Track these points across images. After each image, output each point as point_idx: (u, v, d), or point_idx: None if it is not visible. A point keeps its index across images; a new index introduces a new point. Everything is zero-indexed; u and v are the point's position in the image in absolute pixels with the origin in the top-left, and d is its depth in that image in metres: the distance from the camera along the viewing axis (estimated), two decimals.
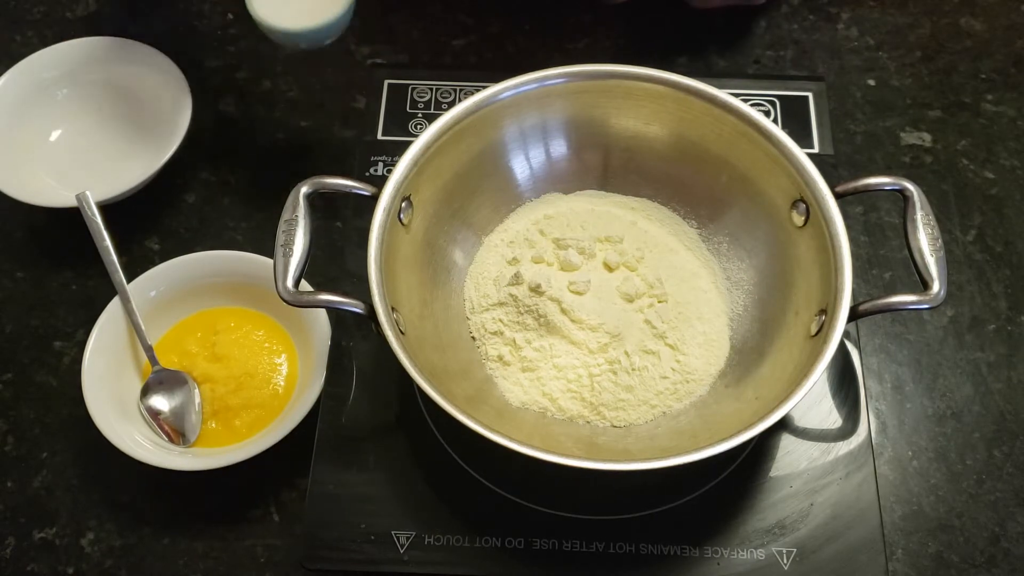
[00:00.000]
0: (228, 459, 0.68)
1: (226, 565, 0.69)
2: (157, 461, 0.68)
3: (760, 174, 0.70)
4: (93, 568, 0.69)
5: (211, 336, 0.75)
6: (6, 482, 0.73)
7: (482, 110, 0.70)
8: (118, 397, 0.72)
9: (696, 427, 0.66)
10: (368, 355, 0.71)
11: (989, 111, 0.88)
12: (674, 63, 0.91)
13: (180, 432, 0.71)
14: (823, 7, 0.95)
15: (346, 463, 0.68)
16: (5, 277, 0.82)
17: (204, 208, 0.84)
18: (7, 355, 0.78)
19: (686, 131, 0.73)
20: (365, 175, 0.79)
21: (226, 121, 0.89)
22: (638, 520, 0.66)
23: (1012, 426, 0.73)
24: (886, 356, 0.76)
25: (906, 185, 0.65)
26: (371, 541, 0.65)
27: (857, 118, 0.88)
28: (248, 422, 0.72)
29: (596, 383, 0.68)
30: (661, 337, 0.69)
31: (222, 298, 0.77)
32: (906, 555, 0.68)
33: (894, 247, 0.80)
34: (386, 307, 0.63)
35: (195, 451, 0.71)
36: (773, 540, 0.65)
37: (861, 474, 0.66)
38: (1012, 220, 0.82)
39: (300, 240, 0.63)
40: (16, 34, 0.88)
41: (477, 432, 0.58)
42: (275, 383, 0.74)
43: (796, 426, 0.69)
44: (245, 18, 0.75)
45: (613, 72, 0.71)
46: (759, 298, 0.71)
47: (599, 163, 0.76)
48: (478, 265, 0.74)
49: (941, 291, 0.62)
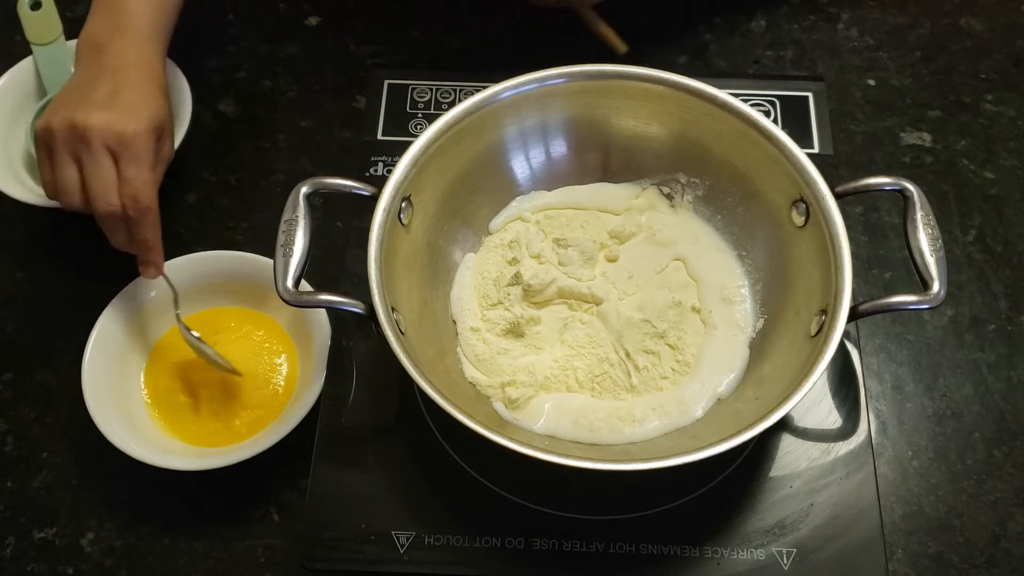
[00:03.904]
0: (228, 459, 0.68)
1: (226, 565, 0.69)
2: (157, 461, 0.68)
3: (760, 174, 0.70)
4: (93, 568, 0.69)
5: (211, 336, 0.75)
6: (6, 482, 0.73)
7: (482, 110, 0.70)
8: (118, 397, 0.72)
9: (696, 427, 0.66)
10: (368, 355, 0.71)
11: (989, 111, 0.88)
12: (674, 63, 0.91)
13: None
14: (823, 7, 0.95)
15: (346, 463, 0.68)
16: (5, 277, 0.82)
17: (204, 208, 0.84)
18: (7, 355, 0.78)
19: (686, 131, 0.73)
20: (365, 175, 0.79)
21: (226, 121, 0.89)
22: (638, 520, 0.66)
23: (1012, 426, 0.73)
24: (886, 356, 0.76)
25: (906, 185, 0.65)
26: (371, 541, 0.65)
27: (857, 118, 0.88)
28: (248, 422, 0.72)
29: (597, 383, 0.68)
30: (661, 337, 0.69)
31: (222, 298, 0.77)
32: (906, 555, 0.68)
33: (894, 247, 0.80)
34: (386, 307, 0.63)
35: (195, 451, 0.71)
36: (773, 540, 0.65)
37: (861, 474, 0.66)
38: (1012, 220, 0.82)
39: (300, 240, 0.63)
40: (16, 34, 0.87)
41: (477, 432, 0.59)
42: (275, 383, 0.74)
43: (796, 426, 0.69)
44: (245, 18, 0.75)
45: (613, 72, 0.72)
46: (759, 298, 0.71)
47: (599, 163, 0.76)
48: (478, 265, 0.74)
49: (941, 291, 0.62)
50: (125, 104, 0.72)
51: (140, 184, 0.70)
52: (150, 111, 0.72)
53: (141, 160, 0.71)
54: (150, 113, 0.72)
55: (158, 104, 0.74)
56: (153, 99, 0.73)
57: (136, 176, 0.70)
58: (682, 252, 0.73)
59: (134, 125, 0.70)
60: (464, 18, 0.93)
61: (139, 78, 0.74)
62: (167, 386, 0.74)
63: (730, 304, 0.71)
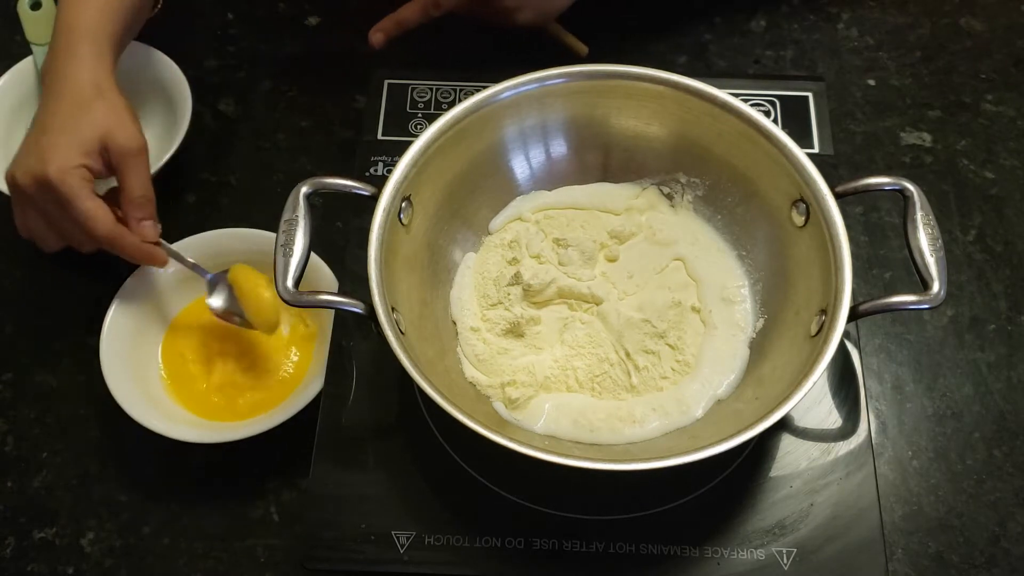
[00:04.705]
0: (218, 437, 0.69)
1: (226, 565, 0.69)
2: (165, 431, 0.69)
3: (760, 174, 0.70)
4: (93, 568, 0.70)
5: None
6: (6, 482, 0.73)
7: (482, 110, 0.70)
8: (135, 364, 0.73)
9: (696, 427, 0.66)
10: (368, 355, 0.71)
11: (989, 111, 0.88)
12: (674, 63, 0.91)
13: (237, 314, 0.75)
14: (823, 7, 0.95)
15: (346, 463, 0.68)
16: (5, 277, 0.82)
17: (204, 208, 0.84)
18: (7, 355, 0.78)
19: (686, 131, 0.73)
20: (365, 175, 0.79)
21: (226, 121, 0.89)
22: (638, 520, 0.66)
23: (1012, 426, 0.73)
24: (886, 356, 0.76)
25: (906, 185, 0.65)
26: (371, 541, 0.65)
27: (857, 118, 0.88)
28: (252, 402, 0.73)
29: (597, 383, 0.68)
30: (661, 337, 0.69)
31: None
32: (906, 555, 0.68)
33: (894, 247, 0.80)
34: (386, 307, 0.63)
35: (196, 421, 0.72)
36: (773, 540, 0.65)
37: (861, 474, 0.66)
38: (1012, 220, 0.82)
39: (300, 240, 0.63)
40: (16, 34, 0.88)
41: (477, 432, 0.58)
42: (285, 371, 0.74)
43: (796, 426, 0.69)
44: (245, 18, 0.75)
45: (613, 72, 0.71)
46: (759, 298, 0.71)
47: (599, 163, 0.76)
48: (478, 265, 0.74)
49: (941, 291, 0.62)
50: (43, 145, 0.71)
51: (85, 220, 0.70)
52: (69, 139, 0.71)
53: (69, 199, 0.70)
54: (68, 142, 0.70)
55: (85, 120, 0.72)
56: (72, 119, 0.72)
57: (77, 214, 0.70)
58: (682, 252, 0.73)
59: (49, 167, 0.69)
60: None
61: (62, 98, 0.72)
62: (180, 355, 0.76)
63: (730, 304, 0.71)
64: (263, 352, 0.75)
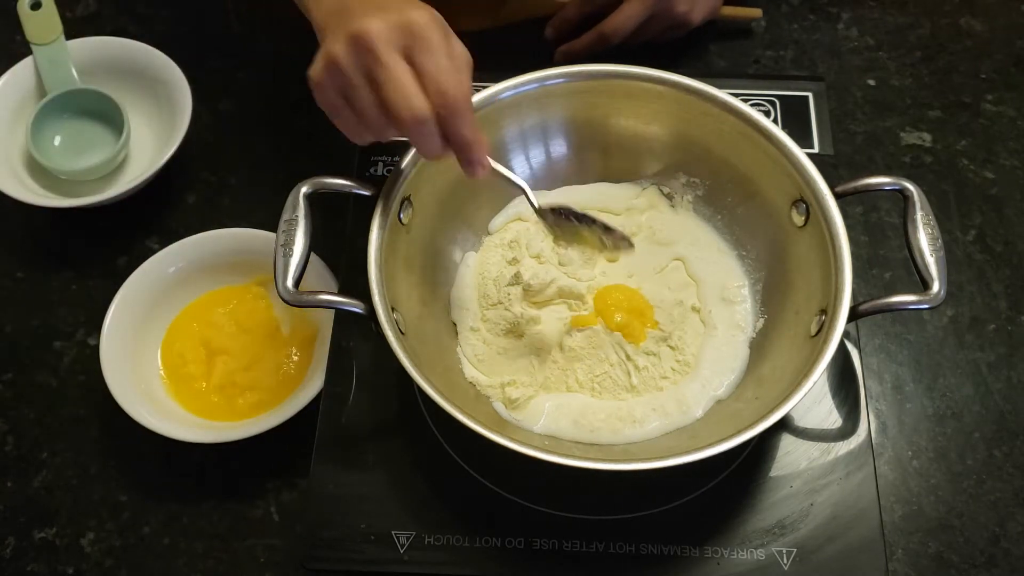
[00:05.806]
0: (218, 437, 0.69)
1: (226, 565, 0.69)
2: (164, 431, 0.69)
3: (760, 174, 0.70)
4: (93, 568, 0.69)
5: (239, 306, 0.77)
6: (6, 482, 0.73)
7: (482, 110, 0.70)
8: (134, 364, 0.73)
9: (696, 427, 0.66)
10: (368, 355, 0.71)
11: (989, 111, 0.88)
12: (674, 63, 0.90)
13: None
14: (823, 7, 0.95)
15: (346, 463, 0.68)
16: (5, 277, 0.82)
17: (204, 208, 0.84)
18: (7, 355, 0.78)
19: (686, 131, 0.73)
20: (365, 175, 0.79)
21: (226, 121, 0.89)
22: (638, 520, 0.66)
23: (1012, 426, 0.73)
24: (886, 356, 0.76)
25: (906, 185, 0.65)
26: (371, 541, 0.65)
27: (857, 118, 0.88)
28: (251, 403, 0.73)
29: (597, 383, 0.68)
30: (664, 339, 0.69)
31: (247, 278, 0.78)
32: (906, 555, 0.68)
33: (894, 247, 0.80)
34: (386, 307, 0.63)
35: (196, 421, 0.72)
36: (773, 540, 0.65)
37: (861, 474, 0.66)
38: (1012, 220, 0.82)
39: (300, 240, 0.63)
40: (16, 34, 0.87)
41: (477, 432, 0.59)
42: (285, 371, 0.74)
43: (796, 426, 0.69)
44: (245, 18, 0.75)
45: (613, 72, 0.71)
46: (759, 298, 0.71)
47: (599, 163, 0.76)
48: (478, 265, 0.74)
49: (941, 291, 0.62)
50: (393, 4, 0.61)
51: (443, 74, 0.59)
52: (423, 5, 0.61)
53: (435, 49, 0.59)
54: (425, 7, 0.61)
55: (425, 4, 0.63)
56: None
57: (435, 66, 0.59)
58: (682, 252, 0.73)
59: (416, 15, 0.60)
60: None
61: None
62: (180, 355, 0.75)
63: (730, 304, 0.71)
64: (263, 352, 0.75)
